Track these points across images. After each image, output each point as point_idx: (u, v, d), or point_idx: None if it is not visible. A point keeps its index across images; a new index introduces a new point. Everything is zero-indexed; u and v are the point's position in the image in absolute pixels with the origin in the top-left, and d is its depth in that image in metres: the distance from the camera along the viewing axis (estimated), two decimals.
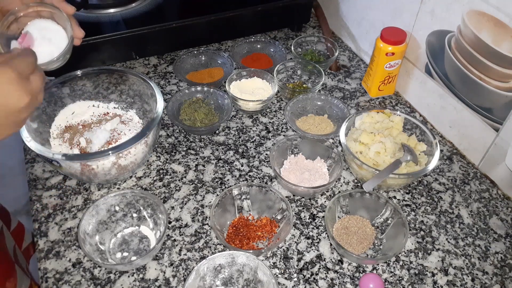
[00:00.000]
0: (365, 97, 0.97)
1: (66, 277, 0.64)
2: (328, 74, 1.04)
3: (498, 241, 0.71)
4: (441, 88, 0.85)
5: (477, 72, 0.76)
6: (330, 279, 0.65)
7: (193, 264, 0.66)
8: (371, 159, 0.76)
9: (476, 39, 0.73)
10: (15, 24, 0.59)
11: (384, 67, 0.89)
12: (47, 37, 0.59)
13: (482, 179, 0.81)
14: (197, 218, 0.72)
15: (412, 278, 0.65)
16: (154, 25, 0.95)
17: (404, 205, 0.76)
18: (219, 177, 0.79)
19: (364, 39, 1.06)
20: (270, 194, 0.71)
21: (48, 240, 0.68)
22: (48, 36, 0.59)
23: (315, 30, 1.18)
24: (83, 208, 0.73)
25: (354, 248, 0.67)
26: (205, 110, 0.88)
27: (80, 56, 0.92)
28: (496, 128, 0.76)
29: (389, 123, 0.81)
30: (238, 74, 0.94)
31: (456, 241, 0.71)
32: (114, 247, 0.67)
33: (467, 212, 0.75)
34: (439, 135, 0.90)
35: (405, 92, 0.97)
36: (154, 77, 1.00)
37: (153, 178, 0.78)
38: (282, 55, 1.03)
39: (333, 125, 0.88)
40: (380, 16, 0.97)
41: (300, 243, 0.70)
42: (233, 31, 1.08)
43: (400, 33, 0.86)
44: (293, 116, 0.89)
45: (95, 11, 0.99)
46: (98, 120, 0.82)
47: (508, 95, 0.71)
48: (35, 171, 0.79)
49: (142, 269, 0.65)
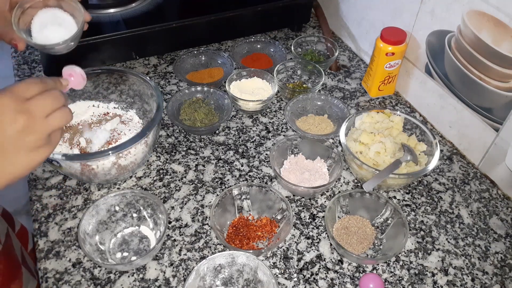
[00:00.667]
0: (365, 97, 0.97)
1: (66, 277, 0.64)
2: (328, 74, 1.04)
3: (498, 241, 0.71)
4: (441, 88, 0.85)
5: (477, 72, 0.76)
6: (330, 279, 0.65)
7: (193, 264, 0.66)
8: (371, 159, 0.76)
9: (476, 39, 0.73)
10: (23, 17, 0.60)
11: (384, 67, 0.89)
12: (57, 22, 0.61)
13: (482, 179, 0.81)
14: (197, 218, 0.72)
15: (412, 278, 0.65)
16: (154, 25, 0.95)
17: (404, 205, 0.76)
18: (219, 177, 0.79)
19: (364, 39, 1.06)
20: (270, 194, 0.71)
21: (48, 240, 0.68)
22: (58, 22, 0.61)
23: (315, 30, 1.18)
24: (83, 208, 0.73)
25: (354, 248, 0.67)
26: (205, 110, 0.88)
27: (80, 56, 0.92)
28: (496, 128, 0.76)
29: (389, 123, 0.81)
30: (238, 74, 0.94)
31: (456, 241, 0.71)
32: (114, 247, 0.67)
33: (467, 212, 0.75)
34: (439, 135, 0.90)
35: (405, 92, 0.97)
36: (154, 77, 1.00)
37: (153, 178, 0.78)
38: (282, 55, 1.03)
39: (333, 125, 0.88)
40: (380, 16, 0.97)
41: (300, 243, 0.70)
42: (233, 31, 1.08)
43: (400, 33, 0.86)
44: (293, 116, 0.89)
45: (95, 11, 0.99)
46: (98, 120, 0.82)
47: (508, 95, 0.71)
48: (35, 171, 0.79)
49: (142, 269, 0.65)
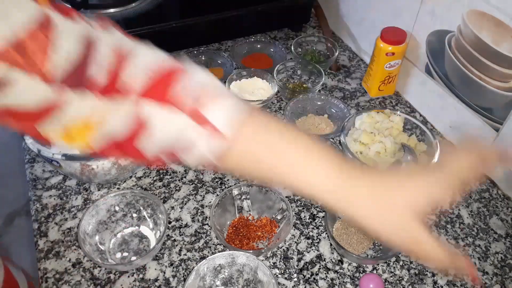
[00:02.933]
0: (365, 97, 0.97)
1: (66, 277, 0.64)
2: (328, 74, 1.04)
3: (498, 241, 0.71)
4: (441, 88, 0.85)
5: (477, 72, 0.75)
6: (330, 279, 0.65)
7: (193, 264, 0.66)
8: (371, 159, 0.76)
9: (476, 39, 0.73)
10: None
11: (384, 67, 0.89)
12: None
13: (482, 179, 0.81)
14: (197, 218, 0.72)
15: (412, 278, 0.65)
16: (154, 25, 0.95)
17: None
18: (219, 177, 0.79)
19: (364, 39, 1.06)
20: (270, 194, 0.71)
21: (48, 240, 0.68)
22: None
23: (315, 30, 1.18)
24: (83, 208, 0.73)
25: (354, 248, 0.67)
26: None
27: None
28: (496, 128, 0.75)
29: (389, 123, 0.81)
30: (238, 74, 0.94)
31: (456, 241, 0.71)
32: (114, 247, 0.67)
33: (467, 212, 0.75)
34: (439, 135, 0.90)
35: (405, 92, 0.97)
36: None
37: (153, 178, 0.78)
38: (282, 55, 1.03)
39: (333, 125, 0.88)
40: (380, 16, 0.96)
41: (300, 243, 0.69)
42: (233, 31, 1.08)
43: (400, 33, 0.86)
44: (293, 116, 0.89)
45: (95, 11, 0.99)
46: None
47: (508, 95, 0.71)
48: (35, 171, 0.79)
49: (142, 269, 0.65)
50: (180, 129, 0.38)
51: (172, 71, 0.39)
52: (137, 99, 0.37)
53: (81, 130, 0.38)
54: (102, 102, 0.36)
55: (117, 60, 0.37)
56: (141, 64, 0.38)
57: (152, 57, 0.40)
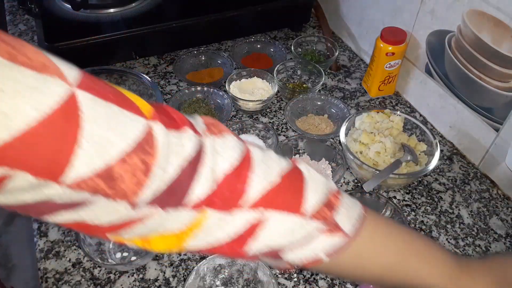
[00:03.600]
0: (365, 97, 0.97)
1: (66, 277, 0.64)
2: (328, 74, 1.04)
3: (498, 241, 0.71)
4: (441, 88, 0.85)
5: (477, 72, 0.75)
6: (330, 279, 0.65)
7: (193, 264, 0.66)
8: (371, 159, 0.76)
9: (476, 39, 0.73)
10: None
11: (384, 67, 0.89)
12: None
13: (482, 179, 0.81)
14: None
15: None
16: (154, 25, 0.95)
17: (404, 205, 0.76)
18: None
19: (364, 39, 1.06)
20: None
21: (48, 240, 0.68)
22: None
23: (315, 30, 1.18)
24: None
25: None
26: (205, 110, 0.88)
27: (80, 55, 0.92)
28: (496, 128, 0.75)
29: (389, 123, 0.81)
30: (238, 74, 0.94)
31: (456, 241, 0.71)
32: (114, 247, 0.67)
33: (467, 212, 0.75)
34: (439, 135, 0.90)
35: (405, 92, 0.97)
36: (154, 77, 1.00)
37: None
38: (282, 55, 1.03)
39: (333, 125, 0.88)
40: (380, 16, 0.96)
41: None
42: (233, 31, 1.08)
43: (400, 33, 0.86)
44: (293, 116, 0.89)
45: (95, 11, 0.99)
46: None
47: (508, 95, 0.71)
48: None
49: (142, 269, 0.65)
50: (298, 227, 0.36)
51: (294, 180, 0.37)
52: (256, 208, 0.35)
53: (165, 239, 0.34)
54: (205, 215, 0.33)
55: (233, 173, 0.34)
56: (262, 174, 0.35)
57: (276, 164, 0.37)
